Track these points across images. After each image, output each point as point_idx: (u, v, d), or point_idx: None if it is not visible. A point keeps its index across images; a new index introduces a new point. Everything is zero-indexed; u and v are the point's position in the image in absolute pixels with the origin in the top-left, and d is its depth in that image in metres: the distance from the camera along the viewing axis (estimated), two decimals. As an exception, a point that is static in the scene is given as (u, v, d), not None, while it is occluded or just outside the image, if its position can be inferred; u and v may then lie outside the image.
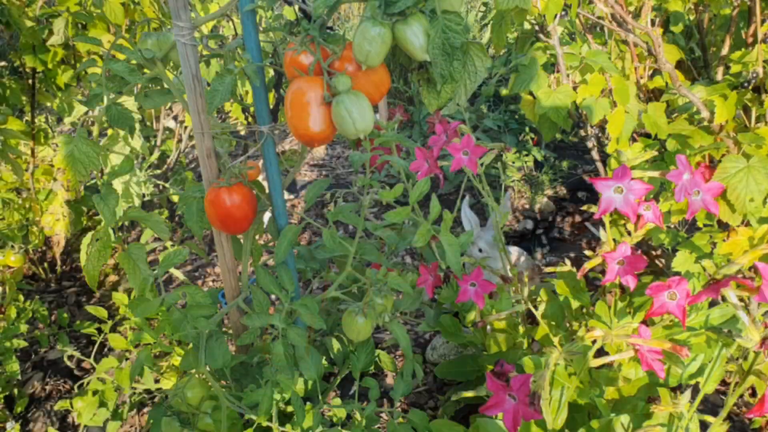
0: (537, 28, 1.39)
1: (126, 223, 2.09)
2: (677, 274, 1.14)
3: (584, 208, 1.03)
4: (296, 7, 0.99)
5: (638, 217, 0.96)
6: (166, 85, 1.04)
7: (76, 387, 1.36)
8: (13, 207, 1.62)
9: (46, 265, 2.10)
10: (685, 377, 1.06)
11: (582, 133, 1.49)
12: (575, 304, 1.25)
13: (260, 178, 1.06)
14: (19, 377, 1.48)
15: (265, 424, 0.93)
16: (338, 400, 1.09)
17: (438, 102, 0.93)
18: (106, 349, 1.76)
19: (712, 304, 1.12)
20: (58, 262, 2.13)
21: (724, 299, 0.74)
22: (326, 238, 1.01)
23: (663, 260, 1.53)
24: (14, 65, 2.07)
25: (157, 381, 1.14)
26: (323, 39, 0.87)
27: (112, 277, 2.10)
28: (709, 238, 1.20)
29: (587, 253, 1.03)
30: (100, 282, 2.07)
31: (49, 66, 1.80)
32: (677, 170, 0.86)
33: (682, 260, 1.21)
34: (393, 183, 2.59)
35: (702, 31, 1.63)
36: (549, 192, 2.58)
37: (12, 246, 1.56)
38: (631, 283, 0.90)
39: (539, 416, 0.70)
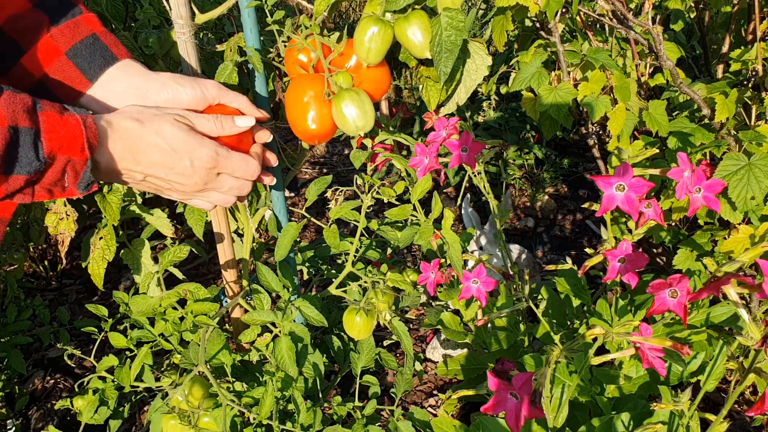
0: (538, 25, 1.39)
1: (126, 221, 2.09)
2: (678, 272, 1.14)
3: (586, 205, 1.03)
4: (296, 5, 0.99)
5: (639, 214, 0.96)
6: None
7: (76, 385, 1.36)
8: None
9: (46, 263, 2.10)
10: (685, 375, 1.06)
11: (583, 130, 1.49)
12: (576, 302, 1.25)
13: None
14: (22, 372, 1.49)
15: (265, 422, 0.93)
16: (339, 398, 1.09)
17: (438, 100, 0.93)
18: (106, 347, 1.76)
19: (714, 302, 1.12)
20: (63, 261, 2.12)
21: (725, 297, 0.74)
22: (327, 236, 1.01)
23: (664, 258, 1.53)
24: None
25: (157, 379, 1.14)
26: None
27: (112, 275, 2.11)
28: (710, 236, 1.20)
29: (588, 251, 1.03)
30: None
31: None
32: (678, 168, 0.85)
33: (682, 258, 1.21)
34: (394, 181, 2.59)
35: (703, 29, 1.63)
36: (550, 190, 2.58)
37: (13, 244, 1.56)
38: (632, 281, 0.90)
39: (542, 415, 0.70)
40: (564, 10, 1.23)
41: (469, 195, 2.09)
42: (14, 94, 0.59)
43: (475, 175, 1.20)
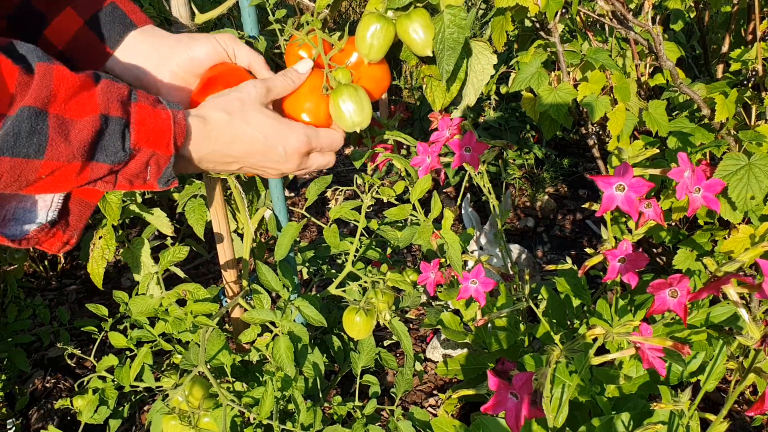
0: (537, 25, 1.39)
1: (126, 221, 2.09)
2: (678, 271, 1.14)
3: (586, 205, 1.03)
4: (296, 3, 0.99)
5: (639, 214, 0.96)
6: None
7: (76, 385, 1.36)
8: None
9: (46, 263, 2.10)
10: (685, 375, 1.06)
11: (583, 130, 1.49)
12: (576, 301, 1.25)
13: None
14: (26, 371, 1.49)
15: (265, 422, 0.93)
16: (339, 398, 1.09)
17: (443, 100, 0.93)
18: (106, 347, 1.76)
19: (714, 301, 1.12)
20: (62, 260, 2.12)
21: (725, 297, 0.74)
22: (327, 236, 1.01)
23: (664, 258, 1.53)
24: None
25: (157, 379, 1.14)
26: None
27: (112, 275, 2.11)
28: (710, 236, 1.20)
29: (588, 250, 1.03)
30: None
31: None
32: (678, 168, 0.85)
33: (682, 258, 1.21)
34: (394, 181, 2.59)
35: (702, 28, 1.63)
36: (550, 190, 2.58)
37: (12, 244, 1.56)
38: (632, 280, 0.90)
39: (542, 414, 0.70)
40: (564, 10, 1.23)
41: (469, 195, 2.09)
42: (112, 83, 0.59)
43: (476, 175, 1.20)
